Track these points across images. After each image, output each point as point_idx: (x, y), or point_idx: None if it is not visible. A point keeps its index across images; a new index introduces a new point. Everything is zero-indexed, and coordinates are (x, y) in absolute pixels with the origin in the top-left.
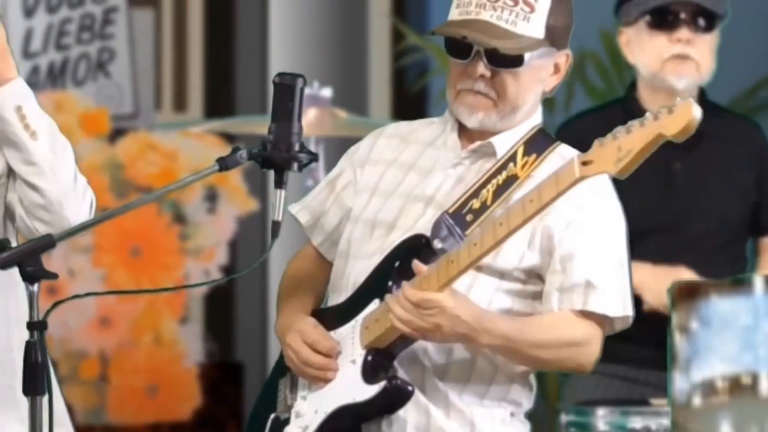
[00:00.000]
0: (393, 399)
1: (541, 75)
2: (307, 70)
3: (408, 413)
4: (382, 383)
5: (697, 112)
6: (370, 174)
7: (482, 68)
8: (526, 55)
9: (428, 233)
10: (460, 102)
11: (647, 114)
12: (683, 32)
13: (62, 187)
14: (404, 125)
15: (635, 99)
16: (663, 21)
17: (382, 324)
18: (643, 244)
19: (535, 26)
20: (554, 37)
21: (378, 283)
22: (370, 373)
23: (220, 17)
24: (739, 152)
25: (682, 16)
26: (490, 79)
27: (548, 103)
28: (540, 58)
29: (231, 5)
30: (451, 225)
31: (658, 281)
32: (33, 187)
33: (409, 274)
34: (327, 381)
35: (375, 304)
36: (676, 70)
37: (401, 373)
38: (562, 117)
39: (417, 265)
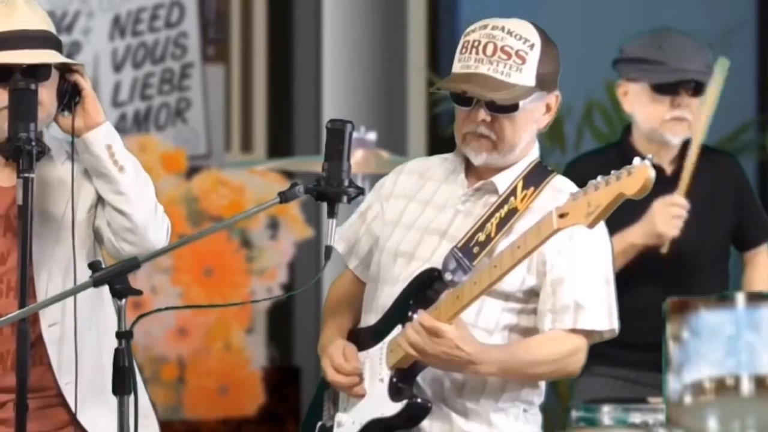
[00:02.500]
0: (415, 414)
1: (534, 116)
2: (354, 117)
3: (433, 423)
4: (405, 401)
5: (651, 173)
6: (394, 207)
7: (483, 114)
8: (521, 102)
9: (441, 266)
10: (467, 144)
11: (612, 173)
12: (683, 99)
13: (145, 213)
14: (422, 162)
15: (630, 143)
16: (665, 88)
17: (403, 348)
18: (640, 260)
19: (526, 75)
20: (544, 83)
21: (400, 311)
22: (394, 392)
23: (280, 71)
24: (722, 184)
25: (682, 86)
26: (490, 123)
27: (561, 144)
28: (533, 102)
29: (290, 61)
30: (460, 258)
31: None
32: (121, 212)
33: (424, 303)
34: (358, 396)
35: (398, 329)
36: (673, 130)
37: (425, 389)
38: (572, 156)
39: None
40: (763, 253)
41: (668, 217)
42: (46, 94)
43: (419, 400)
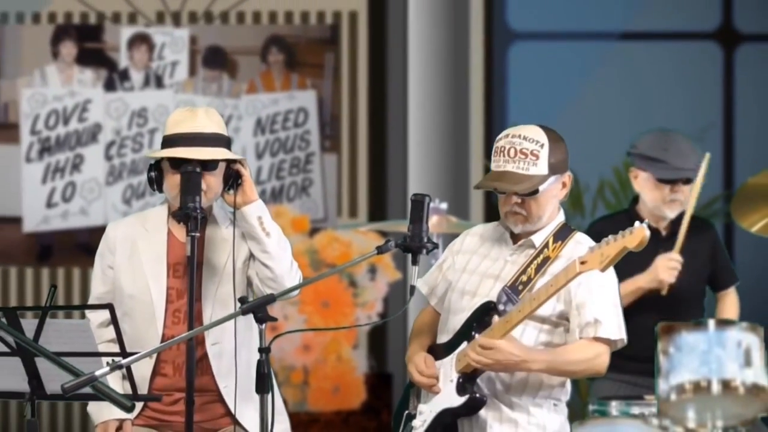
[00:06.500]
0: (474, 404)
1: (553, 193)
2: (431, 191)
3: (488, 412)
4: (467, 396)
5: (647, 233)
6: (462, 259)
7: (514, 198)
8: (539, 187)
9: (495, 299)
10: (507, 219)
11: (619, 233)
12: (679, 187)
13: (284, 267)
14: (481, 227)
15: (636, 211)
16: (666, 180)
17: (467, 358)
18: (641, 297)
19: (541, 167)
20: (556, 169)
21: (466, 331)
22: (461, 389)
23: (378, 158)
24: (700, 242)
25: (679, 179)
26: (520, 204)
27: (581, 212)
28: (550, 185)
29: (384, 152)
30: (509, 293)
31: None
32: (266, 266)
33: (483, 326)
34: (435, 393)
35: (464, 344)
36: (671, 208)
37: (482, 387)
38: (589, 220)
39: (494, 318)
40: (729, 294)
41: (667, 269)
42: (215, 180)
43: (478, 395)
